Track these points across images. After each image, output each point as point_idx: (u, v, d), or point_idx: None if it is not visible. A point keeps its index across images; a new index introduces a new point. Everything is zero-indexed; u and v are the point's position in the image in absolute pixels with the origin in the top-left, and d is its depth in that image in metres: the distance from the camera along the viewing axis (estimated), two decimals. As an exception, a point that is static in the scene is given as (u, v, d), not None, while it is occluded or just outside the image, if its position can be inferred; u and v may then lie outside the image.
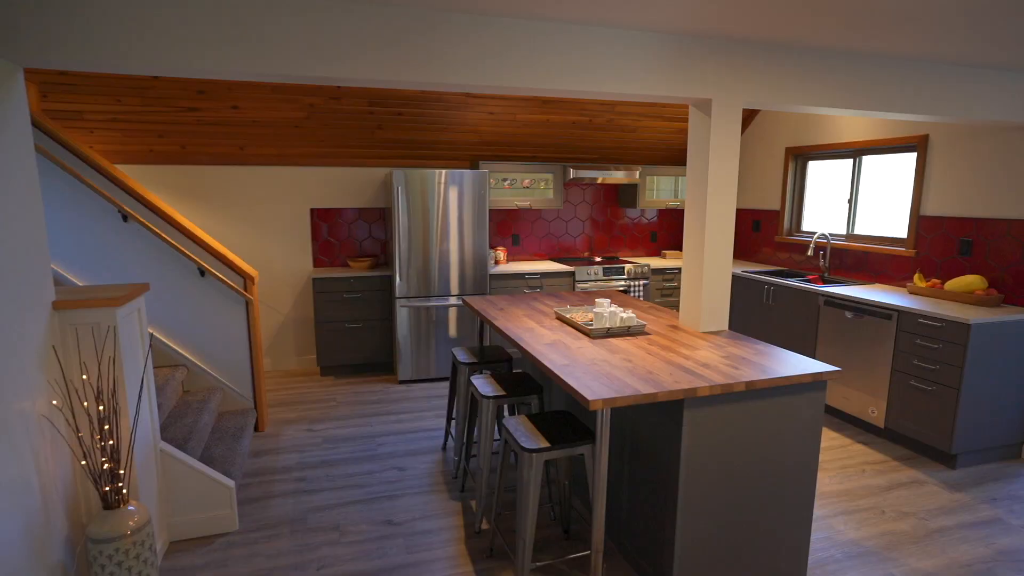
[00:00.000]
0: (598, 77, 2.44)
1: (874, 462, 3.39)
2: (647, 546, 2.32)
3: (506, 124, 4.79)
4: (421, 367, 4.71)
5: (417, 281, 4.61)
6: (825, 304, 3.99)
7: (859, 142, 4.42)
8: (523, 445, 2.12)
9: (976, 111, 3.17)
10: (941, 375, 3.27)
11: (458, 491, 3.02)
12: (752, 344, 2.55)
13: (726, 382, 2.04)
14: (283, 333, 5.00)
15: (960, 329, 3.17)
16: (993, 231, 3.59)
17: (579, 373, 2.11)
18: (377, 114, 4.42)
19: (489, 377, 2.83)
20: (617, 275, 5.14)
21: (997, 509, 2.90)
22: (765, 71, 2.67)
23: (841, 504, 2.93)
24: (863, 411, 3.76)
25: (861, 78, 2.87)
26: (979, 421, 3.28)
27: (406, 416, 4.01)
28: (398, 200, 4.44)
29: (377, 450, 3.48)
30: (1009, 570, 2.44)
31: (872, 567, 2.45)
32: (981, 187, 3.65)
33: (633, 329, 2.68)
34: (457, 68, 2.26)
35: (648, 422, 2.26)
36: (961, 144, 3.76)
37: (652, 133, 5.27)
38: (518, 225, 5.47)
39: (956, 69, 3.07)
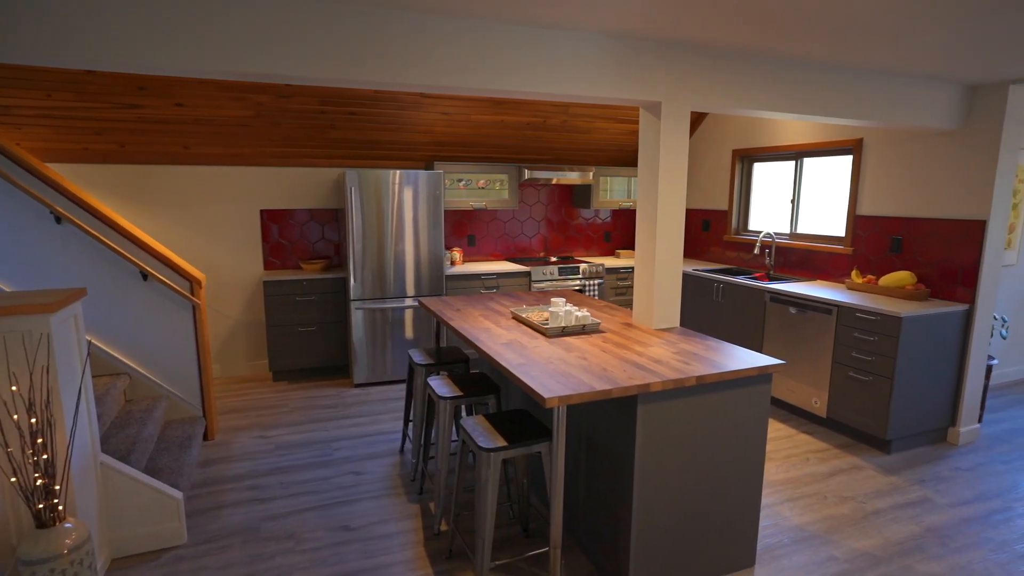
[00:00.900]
0: (550, 78, 2.47)
1: (817, 450, 3.56)
2: (604, 540, 2.36)
3: (461, 124, 4.78)
4: (377, 370, 4.65)
5: (372, 283, 4.54)
6: (771, 301, 4.15)
7: (800, 145, 4.62)
8: (480, 445, 2.13)
9: (905, 117, 3.36)
10: (876, 366, 3.46)
11: (416, 493, 3.00)
12: (702, 340, 2.63)
13: (678, 377, 2.10)
14: (233, 338, 4.85)
15: (892, 322, 3.35)
16: (921, 230, 3.82)
17: (535, 372, 2.13)
18: (329, 113, 4.34)
19: (446, 378, 2.83)
20: (572, 275, 5.20)
21: (926, 489, 3.09)
22: (712, 76, 2.76)
23: (787, 491, 3.06)
24: (807, 402, 3.94)
25: (801, 84, 3.00)
26: (910, 408, 3.48)
27: (362, 420, 3.95)
28: (352, 201, 4.37)
29: (332, 455, 3.42)
30: (935, 545, 2.61)
31: (815, 550, 2.57)
32: (910, 188, 3.88)
33: (588, 327, 2.72)
34: (409, 68, 2.25)
35: (604, 418, 2.30)
36: (892, 148, 3.99)
37: (605, 135, 5.36)
38: (474, 226, 5.47)
39: (887, 77, 3.26)
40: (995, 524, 2.78)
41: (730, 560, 2.41)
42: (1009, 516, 2.85)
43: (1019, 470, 3.32)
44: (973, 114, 3.51)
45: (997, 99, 3.39)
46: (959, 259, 3.60)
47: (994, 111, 3.41)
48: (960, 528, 2.74)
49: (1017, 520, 2.82)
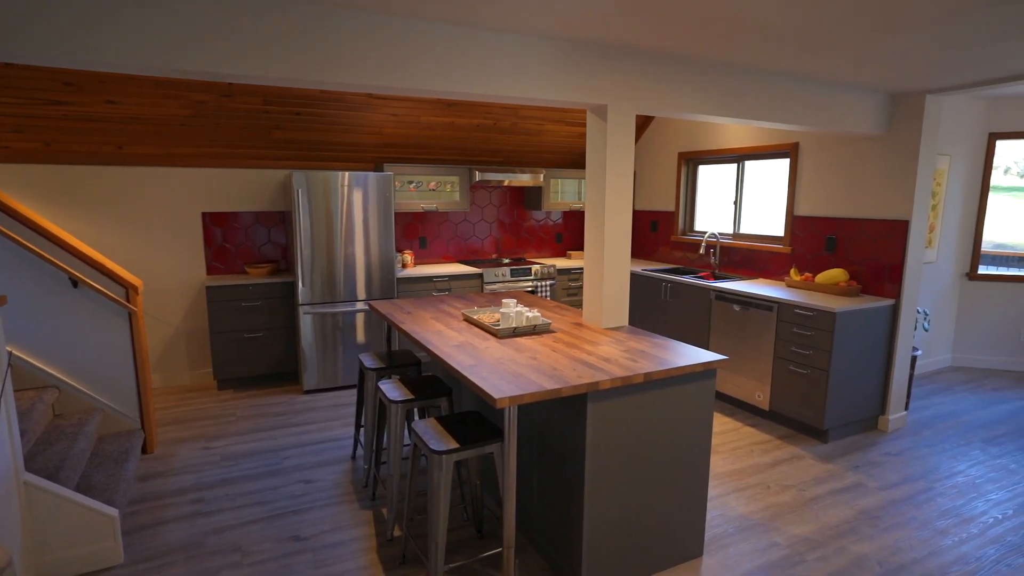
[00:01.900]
0: (498, 81, 2.48)
1: (760, 442, 3.70)
2: (557, 537, 2.39)
3: (410, 126, 4.75)
4: (328, 375, 4.56)
5: (321, 287, 4.45)
6: (716, 299, 4.29)
7: (742, 148, 4.80)
8: (432, 447, 2.12)
9: (835, 122, 3.54)
10: (814, 359, 3.63)
11: (369, 499, 2.96)
12: (650, 338, 2.70)
13: (626, 375, 2.15)
14: (174, 346, 4.65)
15: (827, 317, 3.53)
16: (852, 229, 4.03)
17: (486, 373, 2.14)
18: (273, 113, 4.23)
19: (397, 382, 2.80)
20: (524, 276, 5.24)
21: (859, 475, 3.26)
22: (656, 80, 2.84)
23: (733, 483, 3.17)
24: (751, 396, 4.09)
25: (742, 89, 3.12)
26: (845, 399, 3.67)
27: (312, 427, 3.86)
28: (299, 203, 4.27)
29: (282, 464, 3.33)
30: (867, 526, 2.76)
31: (759, 537, 2.68)
32: (841, 190, 4.09)
33: (539, 328, 2.75)
34: (356, 68, 2.22)
35: (555, 417, 2.33)
36: (825, 151, 4.20)
37: (555, 137, 5.42)
38: (425, 228, 5.43)
39: (820, 85, 3.43)
40: (919, 504, 2.96)
41: (679, 551, 2.48)
42: (931, 496, 3.04)
43: (940, 453, 3.55)
44: (895, 121, 3.74)
45: (916, 107, 3.62)
46: (886, 257, 3.83)
47: (913, 119, 3.63)
48: (889, 509, 2.91)
49: (938, 499, 3.01)
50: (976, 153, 5.06)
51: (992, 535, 2.70)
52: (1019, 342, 5.17)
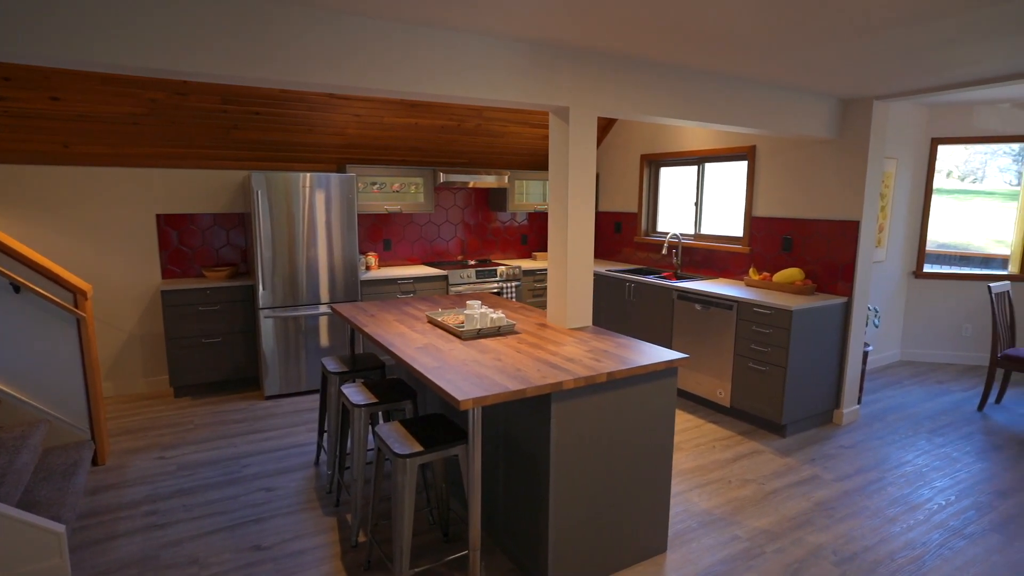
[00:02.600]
0: (460, 82, 2.48)
1: (722, 438, 3.78)
2: (523, 537, 2.39)
3: (373, 127, 4.69)
4: (290, 380, 4.46)
5: (283, 290, 4.36)
6: (678, 298, 4.37)
7: (702, 151, 4.91)
8: (395, 451, 2.10)
9: (790, 126, 3.66)
10: (772, 356, 3.73)
11: (333, 506, 2.91)
12: (613, 338, 2.73)
13: (589, 374, 2.17)
14: (128, 353, 4.48)
15: (784, 315, 3.63)
16: (807, 230, 4.17)
17: (450, 375, 2.13)
18: (231, 112, 4.12)
19: (361, 385, 2.76)
20: (490, 277, 5.24)
21: (816, 468, 3.37)
22: (617, 83, 2.88)
23: (696, 479, 3.24)
24: (713, 393, 4.18)
25: (701, 93, 3.19)
26: (801, 394, 3.79)
27: (274, 433, 3.77)
28: (259, 204, 4.17)
29: (242, 472, 3.24)
30: (823, 517, 2.85)
31: (721, 531, 2.74)
32: (797, 192, 4.22)
33: (503, 329, 2.75)
34: (313, 67, 2.18)
35: (520, 418, 2.33)
36: (781, 154, 4.33)
37: (519, 139, 5.44)
38: (389, 230, 5.38)
39: (776, 90, 3.53)
40: (870, 494, 3.08)
41: (644, 547, 2.51)
42: (882, 485, 3.17)
43: (890, 444, 3.69)
44: (846, 125, 3.88)
45: (864, 113, 3.77)
46: (839, 256, 3.97)
47: (862, 123, 3.78)
48: (843, 500, 3.01)
49: (888, 488, 3.14)
50: (920, 157, 5.29)
51: (936, 520, 2.83)
52: (962, 337, 5.42)
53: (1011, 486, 3.18)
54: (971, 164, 7.87)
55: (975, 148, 5.57)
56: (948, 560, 2.52)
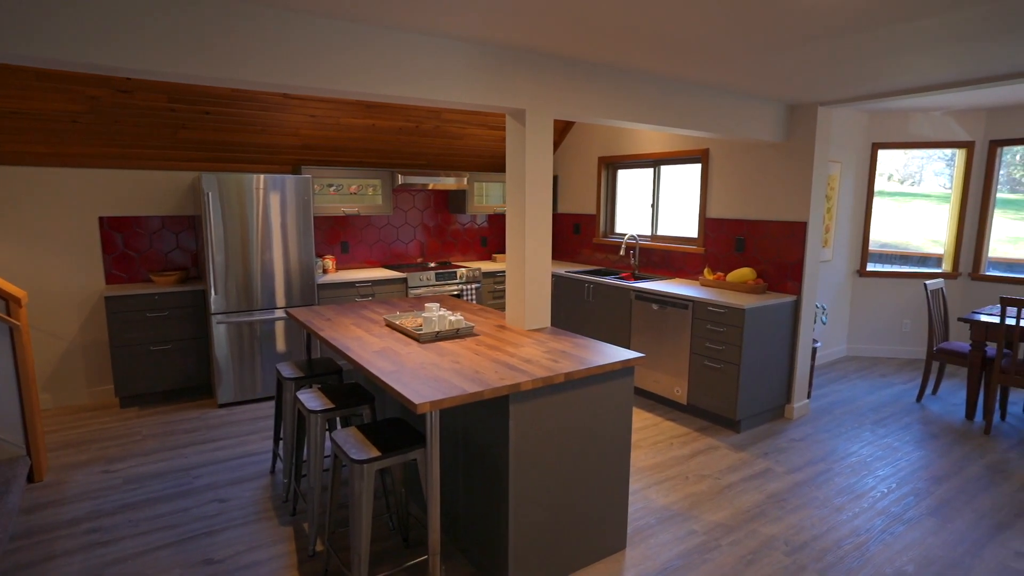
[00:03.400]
0: (416, 83, 2.46)
1: (679, 435, 3.87)
2: (484, 540, 2.39)
3: (329, 128, 4.61)
4: (245, 387, 4.34)
5: (237, 294, 4.23)
6: (636, 298, 4.45)
7: (657, 153, 5.01)
8: (352, 456, 2.07)
9: (741, 130, 3.77)
10: (726, 354, 3.84)
11: (289, 515, 2.84)
12: (571, 338, 2.76)
13: (547, 375, 2.18)
14: (68, 362, 4.27)
15: (737, 314, 3.74)
16: (758, 231, 4.30)
17: (407, 378, 2.11)
18: (179, 112, 3.98)
19: (317, 391, 2.71)
20: (450, 280, 5.22)
21: (768, 461, 3.48)
22: (573, 86, 2.91)
23: (654, 476, 3.30)
24: (670, 391, 4.27)
25: (654, 97, 3.26)
26: (754, 390, 3.91)
27: (228, 442, 3.66)
28: (209, 207, 4.04)
29: (193, 483, 3.13)
30: (775, 509, 2.95)
31: (678, 526, 2.79)
32: (748, 194, 4.36)
33: (462, 331, 2.74)
34: (262, 66, 2.13)
35: (479, 420, 2.33)
36: (733, 157, 4.46)
37: (478, 140, 5.44)
38: (347, 232, 5.29)
39: (727, 95, 3.63)
40: (819, 485, 3.20)
41: (603, 545, 2.54)
42: (829, 476, 3.30)
43: (837, 436, 3.85)
44: (793, 130, 4.03)
45: (809, 118, 3.92)
46: (788, 256, 4.11)
47: (808, 128, 3.93)
48: (794, 491, 3.12)
49: (835, 478, 3.27)
50: (862, 161, 5.54)
51: (879, 508, 2.96)
52: (902, 332, 5.69)
53: (945, 472, 3.36)
54: (910, 168, 8.28)
55: (913, 153, 5.86)
56: (889, 545, 2.64)
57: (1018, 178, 7.36)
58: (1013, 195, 7.32)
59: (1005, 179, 6.26)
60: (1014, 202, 7.27)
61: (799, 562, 2.52)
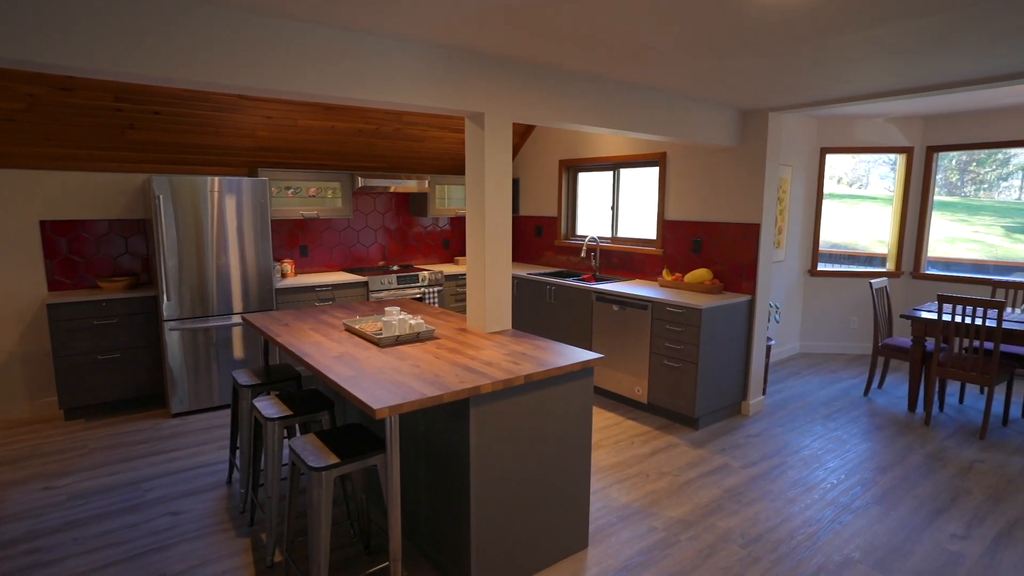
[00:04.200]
0: (373, 86, 2.44)
1: (640, 434, 3.93)
2: (446, 544, 2.38)
3: (287, 130, 4.52)
4: (201, 396, 4.21)
5: (191, 300, 4.10)
6: (597, 300, 4.51)
7: (617, 156, 5.09)
8: (310, 464, 2.03)
9: (697, 134, 3.87)
10: (684, 353, 3.93)
11: (247, 526, 2.77)
12: (532, 340, 2.78)
13: (507, 377, 2.19)
14: (7, 374, 4.06)
15: (695, 314, 3.83)
16: (714, 232, 4.42)
17: (366, 383, 2.09)
18: (126, 111, 3.84)
19: (275, 398, 2.65)
20: (412, 283, 5.18)
21: (726, 457, 3.57)
22: (531, 90, 2.94)
23: (615, 474, 3.34)
24: (631, 391, 4.34)
25: (612, 101, 3.31)
26: (712, 388, 4.01)
27: (182, 453, 3.54)
28: (160, 210, 3.91)
29: (144, 497, 3.02)
30: (732, 503, 3.03)
31: (639, 523, 2.84)
32: (704, 196, 4.47)
33: (423, 335, 2.73)
34: (209, 66, 2.08)
35: (439, 424, 2.32)
36: (689, 161, 4.57)
37: (439, 143, 5.42)
38: (306, 236, 5.20)
39: (683, 100, 3.72)
40: (774, 478, 3.30)
41: (566, 545, 2.57)
42: (783, 470, 3.41)
43: (791, 431, 3.98)
44: (746, 135, 4.15)
45: (761, 123, 4.05)
46: (743, 257, 4.23)
47: (759, 133, 4.06)
48: (750, 485, 3.21)
49: (788, 472, 3.38)
50: (812, 165, 5.75)
51: (829, 498, 3.08)
52: (850, 329, 5.93)
53: (890, 462, 3.52)
54: (857, 172, 8.65)
55: (861, 157, 6.12)
56: (838, 533, 2.75)
57: (954, 182, 7.77)
58: (950, 198, 7.72)
59: (942, 182, 6.59)
60: (951, 204, 7.67)
61: (754, 554, 2.60)
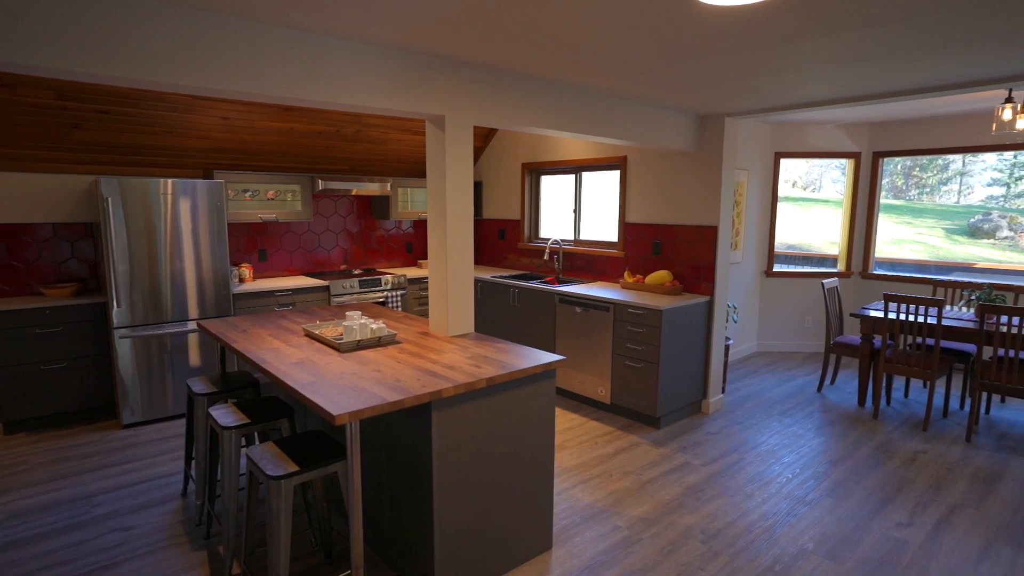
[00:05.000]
0: (330, 88, 2.41)
1: (603, 434, 3.98)
2: (409, 550, 2.36)
3: (243, 131, 4.42)
4: (155, 406, 4.06)
5: (144, 307, 3.96)
6: (560, 302, 4.55)
7: (579, 160, 5.15)
8: (268, 473, 1.99)
9: (656, 139, 3.95)
10: (646, 354, 3.99)
11: (203, 539, 2.69)
12: (495, 343, 2.78)
13: (469, 381, 2.19)
14: (-59, 387, 3.83)
15: (655, 315, 3.90)
16: (673, 235, 4.52)
17: (325, 389, 2.05)
18: (72, 110, 3.69)
19: (232, 406, 2.58)
20: (374, 287, 5.13)
21: (687, 455, 3.65)
22: (492, 93, 2.95)
23: (579, 475, 3.38)
24: (595, 392, 4.39)
25: (573, 105, 3.35)
26: (673, 387, 4.09)
27: (133, 465, 3.41)
28: (110, 213, 3.76)
29: (91, 513, 2.90)
30: (692, 500, 3.10)
31: (602, 523, 2.88)
32: (664, 199, 4.56)
33: (384, 339, 2.71)
34: (159, 64, 2.02)
35: (401, 429, 2.31)
36: (649, 164, 4.65)
37: (401, 146, 5.39)
38: (265, 239, 5.08)
39: (642, 105, 3.79)
40: (733, 474, 3.39)
41: (530, 547, 2.58)
42: (741, 466, 3.50)
43: (749, 428, 4.09)
44: (703, 139, 4.26)
45: (717, 128, 4.16)
46: (701, 259, 4.33)
47: (716, 138, 4.17)
48: (710, 482, 3.29)
49: (746, 468, 3.48)
50: (767, 169, 5.94)
51: (784, 492, 3.18)
52: (804, 328, 6.14)
53: (841, 455, 3.66)
54: (811, 176, 8.98)
55: (814, 162, 6.35)
56: (793, 526, 2.84)
57: (900, 186, 8.15)
58: (896, 201, 8.09)
59: (889, 186, 6.90)
60: (897, 207, 8.04)
61: (714, 548, 2.66)
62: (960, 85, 3.10)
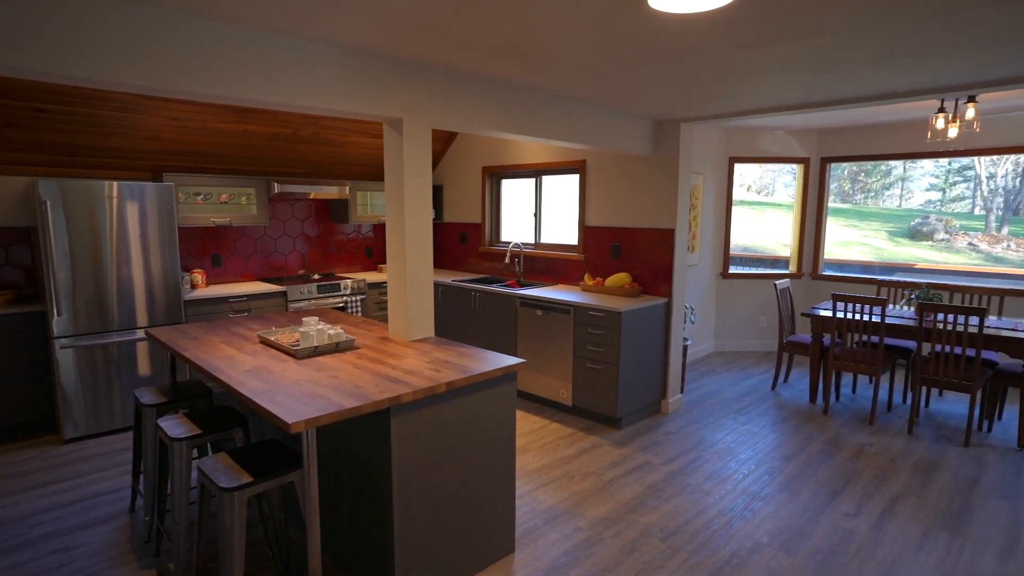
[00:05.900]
0: (285, 89, 2.36)
1: (565, 436, 4.01)
2: (370, 558, 2.32)
3: (195, 132, 4.28)
4: (100, 418, 3.89)
5: (87, 315, 3.78)
6: (521, 305, 4.56)
7: (539, 164, 5.18)
8: (220, 485, 1.93)
9: (614, 143, 4.01)
10: (606, 355, 4.04)
11: (152, 556, 2.58)
12: (455, 347, 2.77)
13: (429, 385, 2.18)
14: None
15: (615, 317, 3.96)
16: (632, 237, 4.59)
17: (281, 397, 2.01)
18: (4, 108, 3.50)
19: (182, 417, 2.49)
20: (334, 292, 5.04)
21: (647, 455, 3.71)
22: (450, 96, 2.94)
23: (541, 477, 3.39)
24: (556, 394, 4.42)
25: (531, 109, 3.37)
26: (633, 388, 4.15)
27: (76, 482, 3.26)
28: (49, 217, 3.59)
29: (29, 533, 2.74)
30: (653, 499, 3.15)
31: (564, 524, 2.89)
32: (622, 203, 4.64)
33: (342, 345, 2.66)
34: (102, 61, 1.94)
35: (360, 436, 2.27)
36: (607, 168, 4.72)
37: (360, 148, 5.31)
38: (218, 244, 4.93)
39: (601, 109, 3.85)
40: (691, 472, 3.46)
41: (493, 551, 2.57)
42: (699, 464, 3.58)
43: (707, 427, 4.19)
44: (660, 143, 4.35)
45: (674, 133, 4.26)
46: (659, 261, 4.42)
47: (673, 142, 4.27)
48: (669, 481, 3.35)
49: (704, 465, 3.55)
50: (722, 173, 6.10)
51: (741, 488, 3.26)
52: (759, 328, 6.33)
53: (794, 450, 3.78)
54: (764, 180, 9.27)
55: (767, 166, 6.56)
56: (749, 521, 2.92)
57: (847, 190, 8.50)
58: (843, 205, 8.44)
59: (836, 191, 7.19)
60: (844, 211, 8.38)
61: (673, 546, 2.71)
62: (900, 94, 3.26)
